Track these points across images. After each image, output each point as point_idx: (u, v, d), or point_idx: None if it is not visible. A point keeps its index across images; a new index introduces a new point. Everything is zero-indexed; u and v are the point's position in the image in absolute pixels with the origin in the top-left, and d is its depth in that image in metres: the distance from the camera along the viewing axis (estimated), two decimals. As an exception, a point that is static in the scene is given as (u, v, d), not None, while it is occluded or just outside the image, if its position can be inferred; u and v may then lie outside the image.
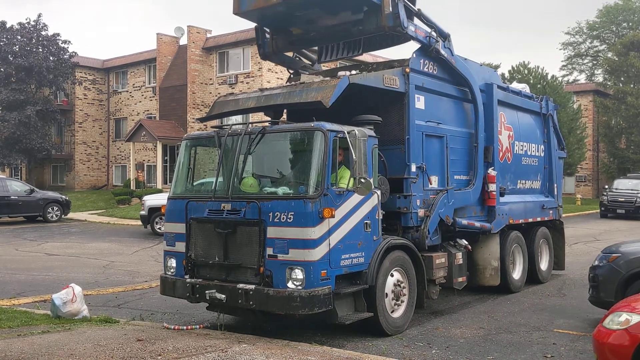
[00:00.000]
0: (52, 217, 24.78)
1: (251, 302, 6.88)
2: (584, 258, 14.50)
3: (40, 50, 35.40)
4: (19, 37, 35.14)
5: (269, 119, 8.85)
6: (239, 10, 8.47)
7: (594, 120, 43.09)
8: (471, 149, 9.75)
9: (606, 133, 41.55)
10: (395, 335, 7.54)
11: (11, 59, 34.61)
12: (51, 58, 35.43)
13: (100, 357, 6.05)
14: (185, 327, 7.56)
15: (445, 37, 8.98)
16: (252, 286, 6.88)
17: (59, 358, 5.98)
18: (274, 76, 30.80)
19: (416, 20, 8.58)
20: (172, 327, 7.56)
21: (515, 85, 12.14)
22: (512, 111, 11.10)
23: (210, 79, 33.79)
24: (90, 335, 7.03)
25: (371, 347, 7.07)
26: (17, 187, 24.63)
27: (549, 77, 36.67)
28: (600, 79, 50.25)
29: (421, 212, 8.40)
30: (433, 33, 8.76)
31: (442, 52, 8.83)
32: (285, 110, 9.31)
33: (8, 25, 35.09)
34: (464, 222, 9.20)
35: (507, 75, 36.51)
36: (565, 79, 53.46)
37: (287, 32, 9.14)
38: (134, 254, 15.99)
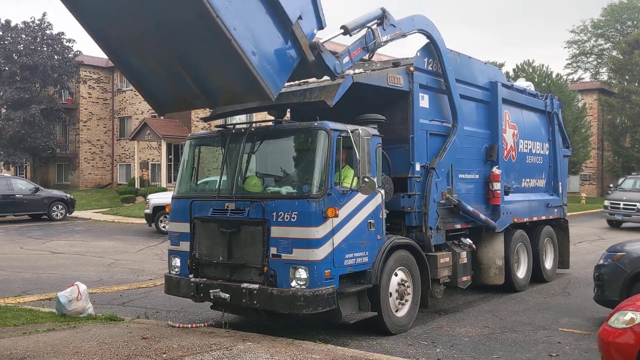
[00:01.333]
0: (56, 215, 24.86)
1: (255, 302, 6.90)
2: (589, 257, 14.47)
3: (45, 49, 35.50)
4: (24, 36, 35.23)
5: (273, 118, 8.89)
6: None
7: (599, 119, 42.97)
8: (478, 147, 9.76)
9: (611, 132, 41.41)
10: (400, 334, 7.54)
11: (16, 57, 34.69)
12: (56, 57, 35.51)
13: (105, 355, 6.07)
14: (189, 325, 7.59)
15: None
16: (256, 285, 6.89)
17: (64, 356, 6.00)
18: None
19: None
20: (177, 325, 7.59)
21: (519, 83, 12.11)
22: (516, 109, 11.08)
23: (215, 77, 33.75)
24: (96, 333, 7.05)
25: (375, 345, 7.07)
26: (22, 186, 24.72)
27: (554, 75, 36.58)
28: (605, 77, 50.13)
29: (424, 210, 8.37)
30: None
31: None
32: (288, 110, 9.31)
33: (12, 24, 35.19)
34: (469, 208, 9.17)
35: (511, 73, 36.43)
36: (570, 77, 53.34)
37: None
38: (138, 252, 16.03)
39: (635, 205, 20.14)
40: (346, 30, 7.27)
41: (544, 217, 11.69)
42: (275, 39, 6.53)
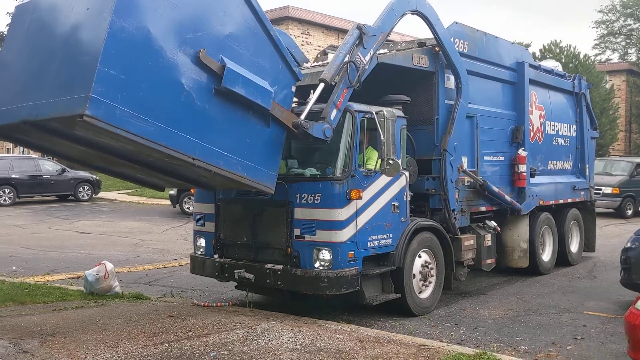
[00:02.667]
0: (83, 196, 25.26)
1: (279, 282, 6.95)
2: (615, 240, 14.27)
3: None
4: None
5: (296, 99, 8.86)
6: None
7: (627, 100, 42.07)
8: (503, 129, 9.63)
9: (639, 113, 40.52)
10: (423, 316, 7.55)
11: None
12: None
13: (132, 332, 6.19)
14: (214, 304, 7.69)
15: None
16: (280, 266, 6.94)
17: (92, 332, 6.14)
18: (300, 56, 30.61)
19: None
20: (202, 304, 7.70)
21: (547, 64, 11.89)
22: (543, 90, 10.90)
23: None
24: (123, 311, 7.19)
25: (398, 326, 7.09)
26: (49, 167, 25.12)
27: (581, 56, 35.84)
28: (633, 58, 48.77)
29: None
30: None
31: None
32: (312, 91, 9.25)
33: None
34: (495, 188, 9.07)
35: (538, 54, 35.78)
36: (598, 58, 52.03)
37: None
38: (163, 232, 16.24)
39: (601, 189, 19.67)
40: (326, 82, 6.71)
41: (570, 200, 11.54)
42: (256, 135, 6.33)
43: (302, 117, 6.50)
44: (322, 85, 6.73)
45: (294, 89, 6.82)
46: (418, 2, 7.87)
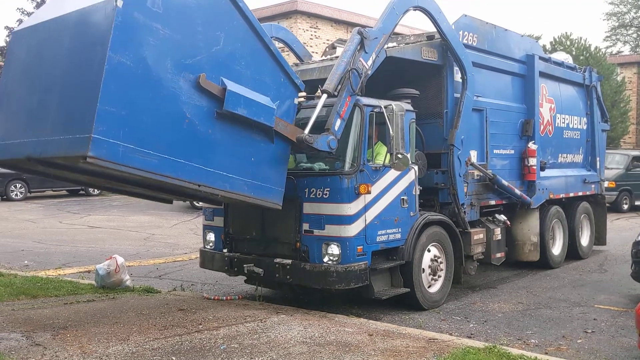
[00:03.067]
0: (93, 190, 25.39)
1: (288, 276, 6.97)
2: (626, 234, 14.19)
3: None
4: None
5: (305, 93, 8.85)
6: None
7: (638, 93, 41.61)
8: (513, 122, 9.57)
9: (651, 106, 40.16)
10: (432, 310, 7.55)
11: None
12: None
13: (143, 325, 6.24)
14: (224, 298, 7.73)
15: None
16: (289, 261, 6.96)
17: (104, 326, 6.19)
18: (309, 50, 30.58)
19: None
20: (212, 297, 7.74)
21: (557, 56, 11.81)
22: (554, 83, 10.83)
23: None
24: (134, 305, 7.25)
25: (408, 320, 7.10)
26: (60, 162, 25.28)
27: (592, 48, 35.51)
28: (645, 49, 48.43)
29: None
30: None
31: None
32: (321, 85, 9.24)
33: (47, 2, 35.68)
34: (504, 182, 9.04)
35: (548, 46, 35.48)
36: (609, 50, 51.67)
37: None
38: (173, 227, 16.32)
39: None
40: (329, 93, 6.61)
41: (580, 193, 11.47)
42: (261, 152, 6.29)
43: (306, 130, 6.40)
44: (325, 96, 6.63)
45: (296, 101, 6.76)
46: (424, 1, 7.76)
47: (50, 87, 5.53)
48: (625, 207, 20.48)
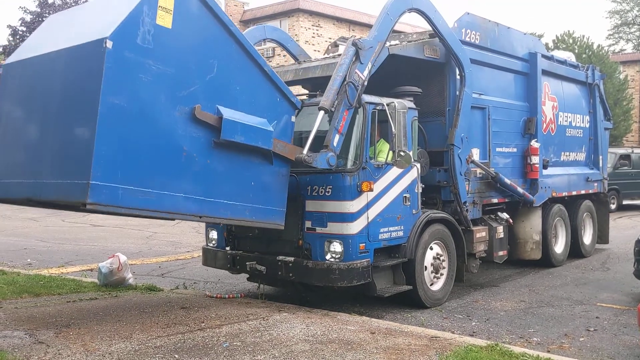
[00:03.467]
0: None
1: (290, 274, 6.98)
2: (629, 232, 14.18)
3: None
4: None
5: (307, 91, 8.86)
6: None
7: (642, 91, 41.54)
8: (516, 120, 9.56)
9: (653, 104, 40.05)
10: (435, 308, 7.55)
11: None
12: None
13: (146, 323, 6.25)
14: (227, 296, 7.74)
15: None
16: (292, 258, 6.96)
17: (107, 324, 6.20)
18: (311, 48, 30.61)
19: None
20: (214, 295, 7.75)
21: (560, 54, 11.79)
22: (556, 81, 10.81)
23: (248, 52, 33.73)
24: (136, 303, 7.26)
25: (410, 318, 7.10)
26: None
27: (595, 46, 35.44)
28: (648, 47, 48.34)
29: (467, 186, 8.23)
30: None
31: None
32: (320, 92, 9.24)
33: (50, 1, 35.70)
34: (507, 180, 9.03)
35: (550, 44, 35.43)
36: (612, 48, 51.56)
37: None
38: (175, 225, 16.33)
39: None
40: (326, 110, 6.49)
41: (583, 192, 11.46)
42: (260, 175, 6.25)
43: (305, 149, 6.35)
44: (322, 113, 6.54)
45: (293, 118, 6.69)
46: (420, 2, 7.66)
47: (46, 124, 5.46)
48: (613, 206, 20.11)
